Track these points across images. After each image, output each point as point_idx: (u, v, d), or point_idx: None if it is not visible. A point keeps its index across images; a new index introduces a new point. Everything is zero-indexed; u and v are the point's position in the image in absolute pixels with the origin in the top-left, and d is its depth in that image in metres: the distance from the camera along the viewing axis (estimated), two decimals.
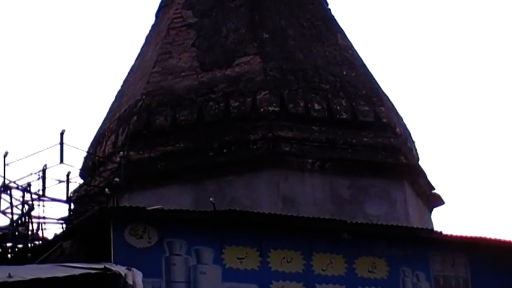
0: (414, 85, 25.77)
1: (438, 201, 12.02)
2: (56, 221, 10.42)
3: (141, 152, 10.88)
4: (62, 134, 10.15)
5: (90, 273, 7.84)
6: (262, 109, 10.87)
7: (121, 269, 7.95)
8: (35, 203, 10.17)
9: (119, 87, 12.62)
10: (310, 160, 10.63)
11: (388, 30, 27.54)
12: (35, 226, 10.15)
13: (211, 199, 9.25)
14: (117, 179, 10.35)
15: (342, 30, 12.44)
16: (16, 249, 9.85)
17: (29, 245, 9.86)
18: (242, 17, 11.86)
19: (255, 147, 10.63)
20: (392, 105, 12.03)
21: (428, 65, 27.49)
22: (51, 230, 10.39)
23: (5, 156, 10.12)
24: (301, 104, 11.01)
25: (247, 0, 12.02)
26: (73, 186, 11.05)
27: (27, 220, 10.07)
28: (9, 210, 10.11)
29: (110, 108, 12.38)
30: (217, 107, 10.96)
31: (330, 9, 12.77)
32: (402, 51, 27.40)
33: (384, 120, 11.27)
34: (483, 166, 25.28)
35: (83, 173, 11.63)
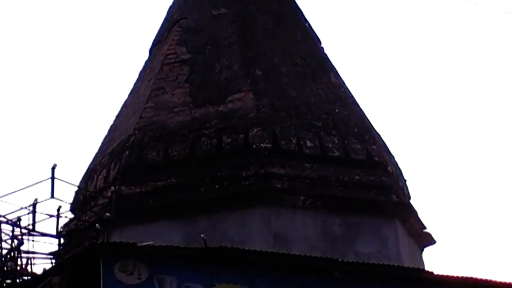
0: (406, 124, 25.90)
1: (430, 240, 12.01)
2: (45, 256, 10.35)
3: (132, 187, 10.85)
4: (53, 168, 10.13)
5: None
6: (254, 145, 10.88)
7: None
8: (25, 237, 10.11)
9: (111, 122, 12.64)
10: (302, 197, 10.62)
11: (380, 69, 27.72)
12: (24, 261, 10.08)
13: (202, 235, 9.20)
14: (108, 214, 10.31)
15: (335, 69, 12.53)
16: (4, 285, 9.76)
17: (18, 280, 9.77)
18: (235, 53, 11.92)
19: (247, 183, 10.62)
20: (384, 143, 12.07)
21: (420, 104, 27.64)
22: (41, 265, 10.32)
23: None
24: (294, 141, 11.03)
25: (240, 38, 12.10)
26: (63, 221, 11.01)
27: (16, 255, 9.99)
28: None
29: (102, 143, 12.38)
30: (209, 142, 10.97)
31: (323, 48, 12.87)
32: (394, 90, 27.57)
33: (376, 158, 11.30)
34: (475, 205, 25.30)
35: (73, 208, 11.59)
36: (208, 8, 12.57)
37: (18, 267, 9.91)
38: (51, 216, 10.39)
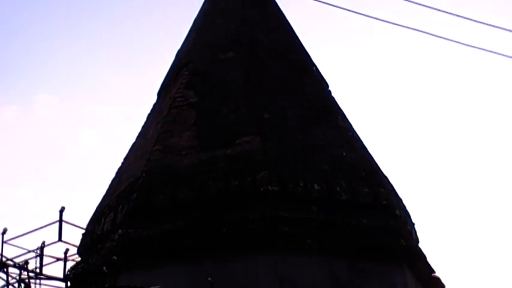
0: (414, 167, 25.88)
1: (439, 285, 11.92)
2: None
3: (140, 230, 10.84)
4: (61, 211, 10.12)
5: None
6: (261, 189, 10.87)
7: None
8: (32, 281, 10.07)
9: (119, 165, 12.68)
10: (309, 241, 10.58)
11: (388, 112, 27.76)
12: None
13: (209, 279, 9.19)
14: (115, 257, 10.28)
15: (342, 112, 12.56)
16: None
17: None
18: (243, 97, 11.97)
19: (253, 226, 10.59)
20: (392, 187, 12.04)
21: (428, 148, 27.65)
22: None
23: (3, 234, 10.07)
24: (301, 184, 11.02)
25: (247, 81, 12.16)
26: (71, 264, 10.99)
27: None
28: None
29: (109, 185, 12.40)
30: (216, 186, 10.97)
31: (330, 91, 12.92)
32: (403, 134, 27.59)
33: (384, 202, 11.27)
34: (484, 248, 25.14)
35: (80, 251, 11.57)
36: (216, 52, 12.67)
37: None
38: (58, 259, 10.35)
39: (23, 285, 9.99)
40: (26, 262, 10.17)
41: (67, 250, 10.46)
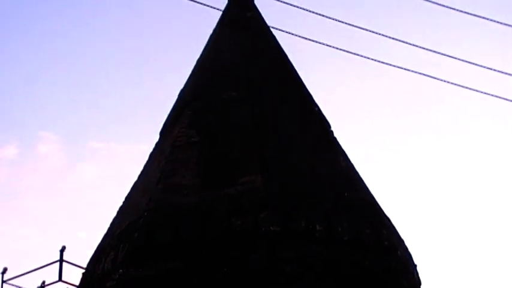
0: (417, 208, 25.82)
1: None
2: None
3: (140, 270, 10.78)
4: (61, 251, 10.12)
5: None
6: (263, 228, 10.84)
7: None
8: None
9: (120, 203, 12.64)
10: (310, 280, 10.51)
11: (390, 153, 27.77)
12: None
13: None
14: None
15: (344, 152, 12.56)
16: None
17: None
18: (245, 136, 11.99)
19: (255, 266, 10.54)
20: (394, 228, 12.00)
21: (431, 188, 27.60)
22: None
23: (3, 273, 10.06)
24: (303, 224, 10.99)
25: (250, 120, 12.19)
26: None
27: None
28: None
29: (110, 224, 12.35)
30: (219, 225, 10.93)
31: (332, 131, 12.94)
32: (405, 174, 27.57)
33: (386, 242, 11.22)
34: None
35: None
36: (219, 91, 12.71)
37: None
38: None
39: None
40: None
41: None
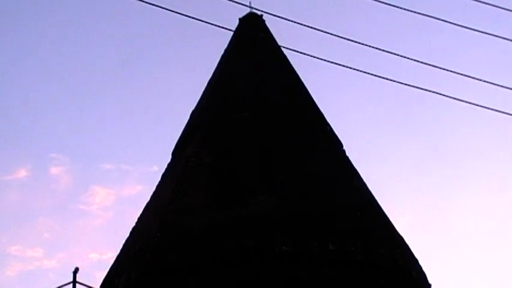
0: (430, 228, 25.68)
1: None
2: None
3: None
4: (75, 272, 10.11)
5: None
6: (276, 249, 10.79)
7: None
8: None
9: (133, 224, 12.63)
10: None
11: (403, 171, 27.67)
12: None
13: None
14: None
15: (357, 172, 12.52)
16: None
17: None
18: (257, 157, 11.96)
19: (269, 287, 10.49)
20: (408, 247, 11.93)
21: (445, 208, 27.48)
22: None
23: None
24: (316, 245, 10.94)
25: (262, 141, 12.17)
26: None
27: None
28: None
29: (123, 245, 12.34)
30: (231, 246, 10.89)
31: (344, 151, 12.91)
32: (418, 194, 27.46)
33: (400, 263, 11.15)
34: None
35: None
36: (231, 112, 12.71)
37: None
38: None
39: None
40: None
41: None
